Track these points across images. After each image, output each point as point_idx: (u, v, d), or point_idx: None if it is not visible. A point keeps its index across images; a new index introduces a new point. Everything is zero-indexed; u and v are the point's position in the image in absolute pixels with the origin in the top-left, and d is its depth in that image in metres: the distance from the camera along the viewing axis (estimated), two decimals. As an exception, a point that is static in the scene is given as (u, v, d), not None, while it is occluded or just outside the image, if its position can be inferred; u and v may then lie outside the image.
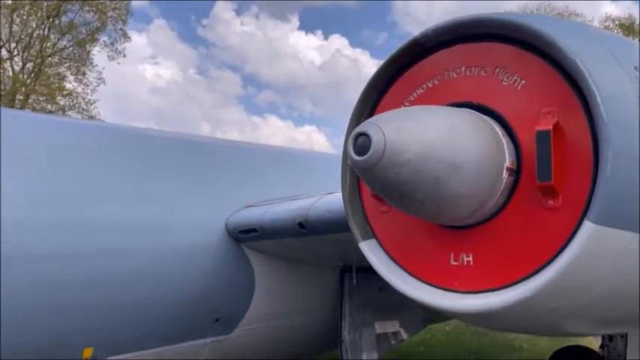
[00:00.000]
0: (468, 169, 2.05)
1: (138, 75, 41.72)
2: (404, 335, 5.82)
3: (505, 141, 2.23)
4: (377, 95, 2.72)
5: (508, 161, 2.20)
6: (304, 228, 4.21)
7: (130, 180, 4.31)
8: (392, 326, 5.71)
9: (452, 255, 2.39)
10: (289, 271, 5.22)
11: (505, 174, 2.20)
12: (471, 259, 2.33)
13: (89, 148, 4.27)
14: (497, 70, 2.34)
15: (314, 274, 5.44)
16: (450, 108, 2.28)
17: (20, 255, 3.53)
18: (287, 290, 5.26)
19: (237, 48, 53.43)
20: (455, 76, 2.46)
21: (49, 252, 3.66)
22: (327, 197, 4.22)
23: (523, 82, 2.27)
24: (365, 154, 1.99)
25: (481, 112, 2.31)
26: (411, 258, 2.55)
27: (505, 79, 2.32)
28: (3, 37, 24.87)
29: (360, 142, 2.00)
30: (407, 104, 2.58)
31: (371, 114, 2.68)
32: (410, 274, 2.52)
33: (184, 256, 4.38)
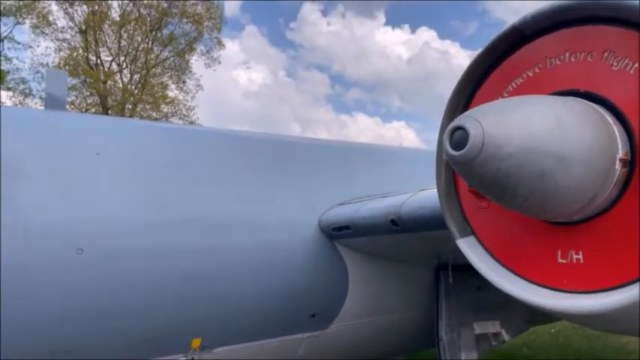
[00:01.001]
0: (576, 161, 1.93)
1: (232, 80, 43.71)
2: (505, 336, 5.59)
3: (617, 130, 2.07)
4: (472, 87, 2.63)
5: (621, 152, 2.04)
6: (397, 225, 4.19)
7: (230, 180, 4.54)
8: (492, 327, 5.50)
9: (559, 252, 2.26)
10: (382, 268, 5.22)
11: (618, 165, 2.04)
12: (581, 257, 2.19)
13: (194, 151, 4.57)
14: (606, 54, 2.18)
15: (408, 271, 5.39)
16: (554, 97, 2.16)
17: (139, 251, 3.86)
18: (380, 287, 5.26)
19: (325, 48, 54.11)
20: (558, 63, 2.33)
21: (162, 248, 3.97)
22: (420, 194, 4.16)
23: (636, 65, 2.10)
24: (462, 148, 1.94)
25: (589, 100, 2.17)
26: (514, 256, 2.44)
27: (615, 64, 2.16)
28: (113, 52, 27.19)
29: (457, 137, 1.96)
30: (505, 95, 2.48)
31: (466, 107, 2.60)
32: (513, 272, 2.42)
33: (281, 252, 4.53)
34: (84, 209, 3.76)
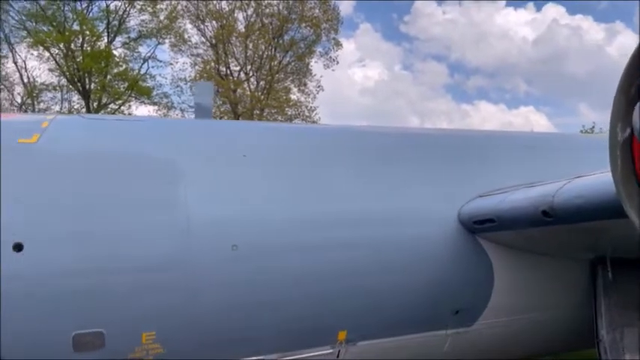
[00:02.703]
0: None
1: (348, 78, 44.14)
2: (679, 338, 4.93)
3: None
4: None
5: None
6: (550, 216, 3.88)
7: (369, 176, 4.58)
8: (664, 327, 4.89)
9: None
10: (530, 263, 4.90)
11: None
12: None
13: (333, 149, 4.70)
14: None
15: (559, 266, 4.99)
16: None
17: (287, 247, 4.05)
18: (529, 283, 4.94)
19: (441, 37, 52.33)
20: None
21: (309, 244, 4.13)
22: (576, 181, 3.81)
23: None
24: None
25: None
26: None
27: None
28: (240, 61, 28.95)
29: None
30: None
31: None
32: None
33: (420, 246, 4.46)
34: (236, 208, 4.03)
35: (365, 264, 4.24)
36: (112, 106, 27.19)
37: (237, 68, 29.26)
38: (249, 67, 28.91)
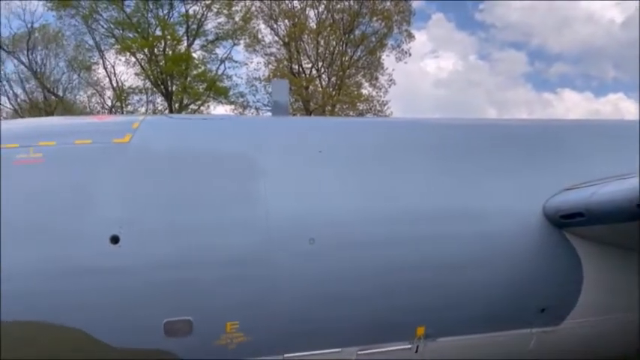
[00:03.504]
0: None
1: (421, 71, 43.26)
2: None
3: None
4: None
5: None
6: (646, 210, 3.62)
7: (448, 169, 4.48)
8: None
9: None
10: (621, 260, 4.59)
11: None
12: None
13: (410, 142, 4.65)
14: None
15: (656, 263, 4.63)
16: None
17: (364, 241, 4.07)
18: (619, 281, 4.63)
19: (520, 24, 49.87)
20: None
21: (386, 238, 4.12)
22: (676, 173, 3.52)
23: None
24: None
25: None
26: None
27: None
28: (312, 59, 29.27)
29: None
30: None
31: None
32: None
33: (503, 242, 4.31)
34: (313, 203, 4.10)
35: (445, 259, 4.17)
36: (192, 106, 28.50)
37: (309, 65, 29.63)
38: (320, 64, 29.17)
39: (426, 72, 43.81)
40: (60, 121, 5.11)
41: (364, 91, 30.00)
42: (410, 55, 29.73)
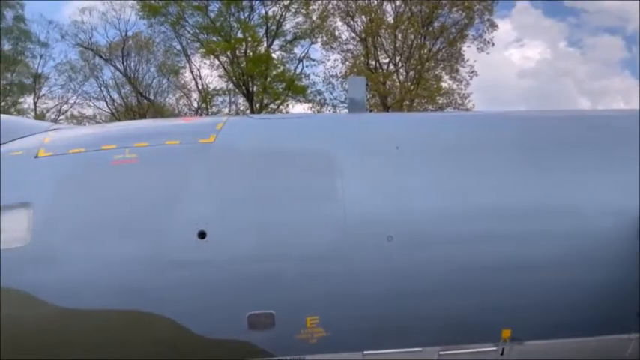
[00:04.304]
0: None
1: (505, 61, 41.36)
2: None
3: None
4: None
5: None
6: None
7: (535, 164, 4.25)
8: None
9: None
10: None
11: None
12: None
13: (493, 136, 4.47)
14: None
15: None
16: None
17: (444, 238, 3.98)
18: None
19: (615, 7, 46.13)
20: None
21: (467, 236, 4.00)
22: None
23: None
24: None
25: None
26: None
27: None
28: (389, 53, 28.95)
29: None
30: None
31: None
32: None
33: (597, 242, 4.03)
34: (391, 199, 4.06)
35: (534, 259, 3.97)
36: (271, 105, 29.28)
37: (387, 60, 29.34)
38: (398, 58, 28.79)
39: (510, 62, 41.87)
40: (151, 123, 5.45)
41: (444, 84, 29.23)
42: (493, 45, 28.54)
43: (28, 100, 32.84)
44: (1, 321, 3.58)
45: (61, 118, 31.88)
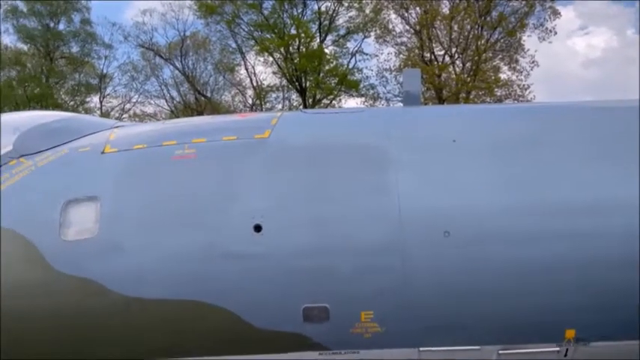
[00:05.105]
0: None
1: (568, 50, 39.53)
2: None
3: None
4: None
5: None
6: None
7: (598, 158, 4.05)
8: None
9: None
10: None
11: None
12: None
13: (553, 129, 4.28)
14: None
15: None
16: None
17: (503, 235, 3.86)
18: None
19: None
20: None
21: (527, 233, 3.85)
22: None
23: None
24: None
25: None
26: None
27: None
28: (445, 45, 28.34)
29: None
30: None
31: None
32: None
33: None
34: (448, 194, 3.97)
35: (601, 256, 3.77)
36: (324, 101, 29.40)
37: (442, 52, 28.80)
38: (454, 50, 28.19)
39: (573, 51, 40.01)
40: (209, 119, 5.59)
41: (502, 76, 28.34)
42: (555, 33, 27.45)
43: (94, 100, 34.72)
44: (75, 308, 3.79)
45: (124, 116, 33.46)
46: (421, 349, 4.00)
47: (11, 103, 27.96)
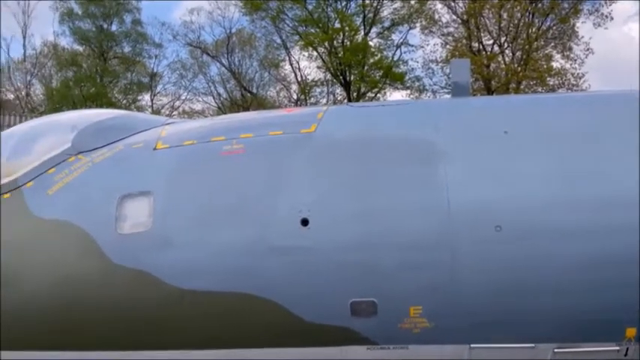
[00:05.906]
0: None
1: (625, 36, 37.57)
2: None
3: None
4: None
5: None
6: None
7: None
8: None
9: None
10: None
11: None
12: None
13: (608, 120, 4.08)
14: None
15: None
16: None
17: (557, 229, 3.72)
18: None
19: None
20: None
21: (582, 227, 3.71)
22: None
23: None
24: None
25: None
26: None
27: None
28: (494, 34, 27.51)
29: None
30: None
31: None
32: None
33: None
34: (499, 187, 3.86)
35: None
36: (369, 94, 29.22)
37: (490, 42, 28.01)
38: (503, 39, 27.34)
39: (630, 37, 37.94)
40: (255, 115, 5.67)
41: (555, 64, 27.25)
42: (611, 19, 26.08)
43: (145, 98, 35.95)
44: (131, 298, 3.94)
45: (174, 113, 34.46)
46: (472, 345, 3.92)
47: (69, 103, 29.33)
